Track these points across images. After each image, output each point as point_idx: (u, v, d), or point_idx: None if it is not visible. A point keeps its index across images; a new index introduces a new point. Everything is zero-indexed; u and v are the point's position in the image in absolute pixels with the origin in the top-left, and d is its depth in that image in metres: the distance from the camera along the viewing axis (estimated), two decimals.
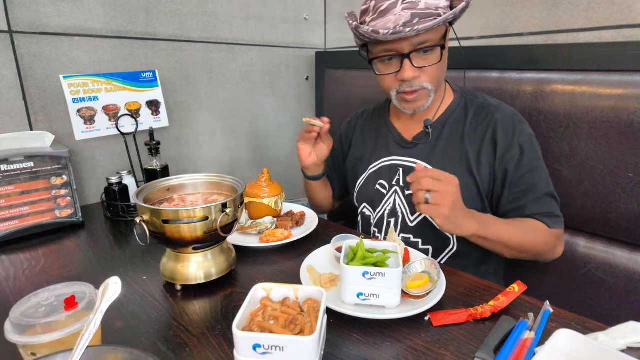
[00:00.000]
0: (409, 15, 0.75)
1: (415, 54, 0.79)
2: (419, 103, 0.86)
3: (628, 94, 0.86)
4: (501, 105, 0.89)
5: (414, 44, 0.78)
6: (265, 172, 1.00)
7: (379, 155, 0.98)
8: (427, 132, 0.90)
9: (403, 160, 0.94)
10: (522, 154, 0.83)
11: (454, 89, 0.94)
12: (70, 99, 1.02)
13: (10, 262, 0.82)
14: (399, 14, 0.76)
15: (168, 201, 0.77)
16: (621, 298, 0.91)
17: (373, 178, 0.99)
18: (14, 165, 0.91)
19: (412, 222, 0.92)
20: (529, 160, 0.83)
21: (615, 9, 0.94)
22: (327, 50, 1.75)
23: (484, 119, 0.87)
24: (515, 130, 0.84)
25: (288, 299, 0.55)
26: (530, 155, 0.84)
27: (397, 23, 0.76)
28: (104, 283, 0.46)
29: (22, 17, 1.03)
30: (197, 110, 1.42)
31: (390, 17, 0.77)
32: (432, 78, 0.83)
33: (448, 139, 0.89)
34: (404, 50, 0.79)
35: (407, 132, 0.95)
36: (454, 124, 0.90)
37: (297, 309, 0.53)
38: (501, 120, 0.85)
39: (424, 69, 0.81)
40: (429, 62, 0.81)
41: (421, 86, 0.83)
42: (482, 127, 0.87)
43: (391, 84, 0.85)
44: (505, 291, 0.66)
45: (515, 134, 0.84)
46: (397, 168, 0.94)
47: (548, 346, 0.50)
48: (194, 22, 1.34)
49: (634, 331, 0.53)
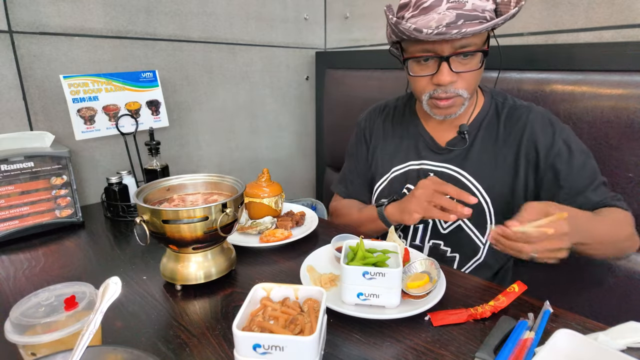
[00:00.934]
0: (454, 15, 0.70)
1: (455, 57, 0.75)
2: (452, 110, 0.81)
3: (628, 94, 0.86)
4: (532, 105, 0.86)
5: (455, 46, 0.73)
6: (265, 172, 1.00)
7: (405, 158, 0.94)
8: (462, 137, 0.86)
9: (435, 166, 0.90)
10: (569, 149, 0.80)
11: (484, 90, 0.90)
12: (70, 99, 1.02)
13: (10, 262, 0.82)
14: (443, 12, 0.71)
15: (168, 201, 0.77)
16: (621, 298, 0.91)
17: (398, 181, 0.94)
18: (14, 165, 0.91)
19: (444, 229, 0.89)
20: (579, 154, 0.80)
21: (615, 9, 0.94)
22: (327, 50, 1.74)
23: (517, 121, 0.84)
24: (554, 128, 0.81)
25: (288, 299, 0.55)
26: (578, 148, 0.80)
27: (441, 23, 0.70)
28: (104, 283, 0.46)
29: (22, 17, 1.03)
30: (197, 110, 1.42)
31: (434, 16, 0.71)
32: (469, 85, 0.78)
33: (482, 144, 0.86)
34: (443, 53, 0.74)
35: (440, 137, 0.91)
36: (487, 128, 0.86)
37: (297, 309, 0.53)
38: (536, 121, 0.82)
39: (461, 75, 0.77)
40: (469, 67, 0.76)
41: (456, 93, 0.78)
42: (517, 129, 0.83)
43: (425, 87, 0.80)
44: (505, 291, 0.66)
45: (556, 132, 0.81)
46: (427, 173, 0.90)
47: (548, 346, 0.50)
48: (194, 22, 1.34)
49: (634, 331, 0.53)
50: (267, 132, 1.66)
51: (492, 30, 0.79)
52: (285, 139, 1.73)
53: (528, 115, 0.84)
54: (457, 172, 0.87)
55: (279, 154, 1.72)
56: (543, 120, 0.83)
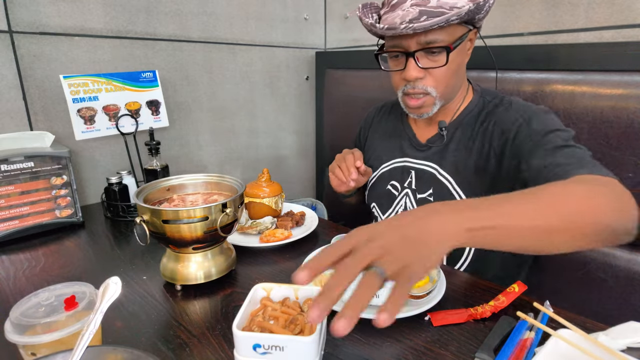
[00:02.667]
0: (417, 12, 0.72)
1: (423, 53, 0.76)
2: (423, 110, 0.82)
3: (628, 94, 0.86)
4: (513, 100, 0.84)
5: (420, 42, 0.74)
6: (265, 172, 1.00)
7: (392, 156, 0.96)
8: (441, 134, 0.87)
9: (416, 163, 0.91)
10: (529, 121, 0.75)
11: (474, 89, 0.90)
12: (70, 99, 1.02)
13: (10, 262, 0.82)
14: (407, 9, 0.73)
15: (168, 201, 0.77)
16: (621, 298, 0.91)
17: (385, 178, 0.96)
18: (14, 165, 0.91)
19: None
20: (542, 125, 0.73)
21: (615, 9, 0.94)
22: (327, 50, 1.74)
23: (489, 115, 0.84)
24: (518, 109, 0.79)
25: (288, 299, 0.55)
26: (543, 120, 0.74)
27: (404, 19, 0.72)
28: (104, 283, 0.46)
29: (22, 17, 1.03)
30: (197, 110, 1.42)
31: (399, 12, 0.74)
32: (438, 83, 0.79)
33: (459, 142, 0.86)
34: (410, 48, 0.76)
35: (423, 134, 0.92)
36: (465, 126, 0.86)
37: (298, 309, 0.53)
38: (503, 110, 0.82)
39: (430, 71, 0.78)
40: (436, 63, 0.77)
41: (424, 90, 0.79)
42: (489, 124, 0.83)
43: (398, 82, 0.82)
44: (505, 291, 0.66)
45: (519, 112, 0.78)
46: (409, 170, 0.92)
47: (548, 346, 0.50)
48: (194, 22, 1.34)
49: (634, 331, 0.53)
50: (267, 132, 1.66)
51: (477, 30, 0.80)
52: (285, 139, 1.73)
53: (499, 106, 0.83)
54: (435, 169, 0.88)
55: (279, 154, 1.72)
56: (507, 106, 0.82)
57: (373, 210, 1.00)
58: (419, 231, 0.39)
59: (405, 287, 0.36)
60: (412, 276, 0.36)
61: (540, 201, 0.47)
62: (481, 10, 0.73)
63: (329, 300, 0.34)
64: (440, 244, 0.39)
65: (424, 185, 0.89)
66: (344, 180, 0.88)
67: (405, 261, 0.37)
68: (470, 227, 0.41)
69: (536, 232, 0.44)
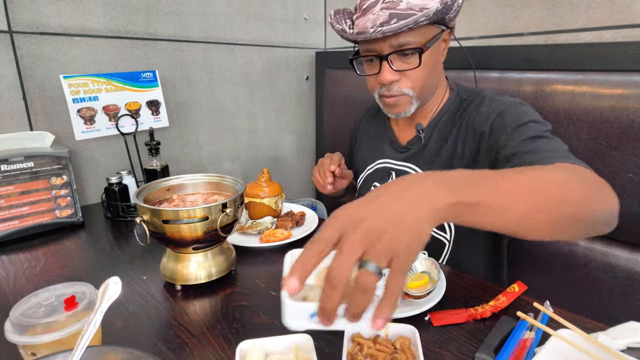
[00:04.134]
0: (387, 15, 0.72)
1: (397, 56, 0.76)
2: (400, 109, 0.82)
3: (628, 94, 0.86)
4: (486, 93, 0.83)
5: (393, 45, 0.75)
6: (265, 172, 1.00)
7: (375, 157, 0.98)
8: (419, 136, 0.88)
9: (396, 165, 0.92)
10: (502, 115, 0.75)
11: (451, 88, 0.90)
12: (70, 99, 1.02)
13: (10, 262, 0.82)
14: (377, 13, 0.73)
15: (168, 201, 0.77)
16: (621, 298, 0.91)
17: (369, 180, 0.98)
18: (14, 165, 0.91)
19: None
20: (516, 116, 0.73)
21: (615, 9, 0.94)
22: (327, 50, 1.74)
23: (463, 114, 0.83)
24: (491, 105, 0.78)
25: (379, 336, 0.54)
26: (516, 112, 0.74)
27: (375, 23, 0.73)
28: (104, 283, 0.46)
29: (22, 17, 1.03)
30: (197, 110, 1.42)
31: (370, 17, 0.74)
32: (414, 84, 0.79)
33: (436, 142, 0.86)
34: (383, 52, 0.76)
35: (403, 136, 0.93)
36: (442, 127, 0.86)
37: (391, 347, 0.52)
38: (475, 106, 0.81)
39: (404, 73, 0.78)
40: (410, 65, 0.77)
41: (401, 91, 0.79)
42: (461, 122, 0.83)
43: (373, 85, 0.83)
44: (505, 291, 0.66)
45: (492, 107, 0.78)
46: (389, 172, 0.93)
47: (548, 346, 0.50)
48: (194, 22, 1.34)
49: (634, 331, 0.53)
50: (267, 132, 1.66)
51: (450, 31, 0.80)
52: (285, 139, 1.73)
53: (472, 102, 0.83)
54: (413, 169, 0.89)
55: (279, 154, 1.72)
56: (480, 101, 0.81)
57: None
58: (401, 210, 0.37)
59: (398, 283, 0.35)
60: (402, 266, 0.35)
61: (525, 180, 0.45)
62: (450, 10, 0.73)
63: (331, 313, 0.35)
64: (424, 222, 0.37)
65: None
66: (322, 184, 0.92)
67: (393, 250, 0.35)
68: (454, 201, 0.38)
69: (518, 211, 0.42)
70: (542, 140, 0.67)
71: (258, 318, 0.64)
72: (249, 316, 0.64)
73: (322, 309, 0.35)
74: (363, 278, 0.34)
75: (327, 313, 0.35)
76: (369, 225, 0.36)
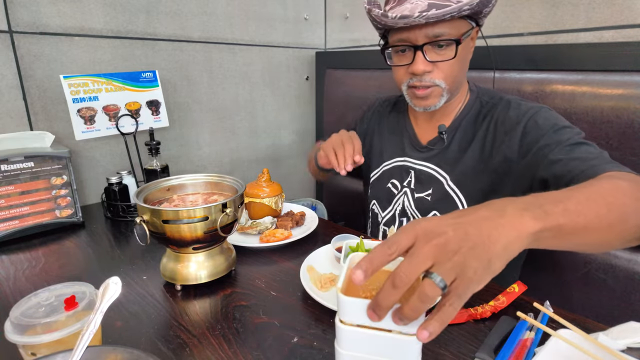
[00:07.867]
0: (425, 4, 0.72)
1: (430, 47, 0.76)
2: (430, 101, 0.81)
3: (628, 94, 0.86)
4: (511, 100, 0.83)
5: (428, 35, 0.74)
6: (265, 172, 1.00)
7: (393, 154, 0.96)
8: (441, 137, 0.87)
9: (415, 164, 0.91)
10: (536, 120, 0.75)
11: (471, 89, 0.89)
12: (70, 99, 1.02)
13: (10, 262, 0.82)
14: (415, 2, 0.73)
15: (168, 201, 0.77)
16: (621, 298, 0.91)
17: (386, 176, 0.97)
18: (14, 165, 0.91)
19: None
20: (551, 122, 0.74)
21: (616, 9, 0.94)
22: (327, 50, 1.74)
23: (487, 116, 0.84)
24: (519, 108, 0.79)
25: None
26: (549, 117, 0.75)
27: (413, 12, 0.72)
28: (104, 283, 0.46)
29: (22, 17, 1.03)
30: (197, 110, 1.42)
31: (407, 6, 0.73)
32: (447, 75, 0.78)
33: (459, 144, 0.86)
34: (417, 42, 0.75)
35: (423, 135, 0.92)
36: (465, 129, 0.86)
37: None
38: (502, 109, 0.81)
39: (437, 64, 0.77)
40: (444, 57, 0.76)
41: (433, 82, 0.78)
42: (486, 124, 0.83)
43: (402, 76, 0.81)
44: (505, 291, 0.66)
45: (521, 111, 0.78)
46: (409, 170, 0.92)
47: (548, 346, 0.50)
48: (194, 22, 1.34)
49: (634, 331, 0.53)
50: (267, 132, 1.66)
51: (479, 28, 0.80)
52: (285, 139, 1.73)
53: (497, 106, 0.83)
54: (435, 170, 0.88)
55: (279, 154, 1.72)
56: (506, 105, 0.81)
57: (373, 207, 1.00)
58: (485, 235, 0.36)
59: (453, 306, 0.34)
60: (462, 292, 0.35)
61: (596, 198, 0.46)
62: (489, 3, 0.74)
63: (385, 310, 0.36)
64: (506, 250, 0.36)
65: (423, 186, 0.90)
66: (337, 168, 0.82)
67: (465, 269, 0.34)
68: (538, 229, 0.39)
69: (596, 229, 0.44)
70: (584, 146, 0.69)
71: (258, 318, 0.64)
72: (249, 316, 0.64)
73: (378, 305, 0.35)
74: (427, 288, 0.34)
75: (380, 309, 0.36)
76: (445, 241, 0.36)
